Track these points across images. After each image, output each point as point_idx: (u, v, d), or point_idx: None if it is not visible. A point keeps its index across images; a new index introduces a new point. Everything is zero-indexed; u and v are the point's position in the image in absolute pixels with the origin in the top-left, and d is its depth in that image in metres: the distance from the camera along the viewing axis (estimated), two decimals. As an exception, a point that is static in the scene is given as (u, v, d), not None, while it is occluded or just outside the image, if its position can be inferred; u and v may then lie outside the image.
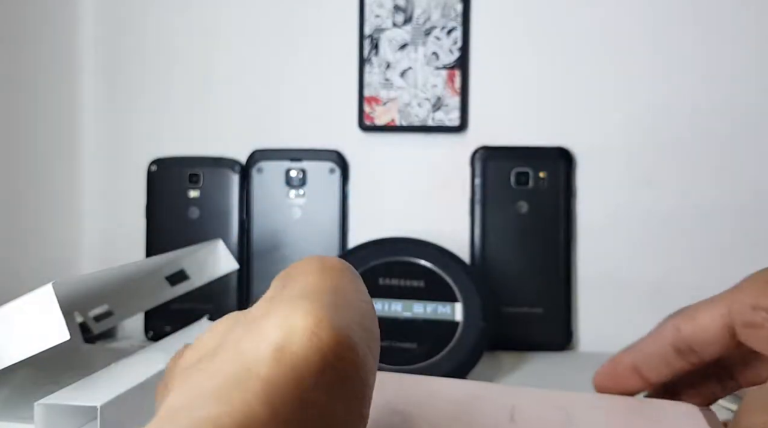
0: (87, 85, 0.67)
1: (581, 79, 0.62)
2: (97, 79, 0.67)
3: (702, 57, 0.61)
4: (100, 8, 0.67)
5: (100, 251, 0.67)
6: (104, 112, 0.67)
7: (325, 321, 0.18)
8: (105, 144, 0.67)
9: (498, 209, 0.61)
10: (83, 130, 0.68)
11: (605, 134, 0.62)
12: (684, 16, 0.61)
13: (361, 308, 0.20)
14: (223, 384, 0.17)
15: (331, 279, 0.20)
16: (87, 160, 0.68)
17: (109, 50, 0.67)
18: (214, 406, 0.16)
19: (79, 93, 0.67)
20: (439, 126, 0.62)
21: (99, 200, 0.67)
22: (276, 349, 0.17)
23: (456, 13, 0.62)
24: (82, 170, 0.68)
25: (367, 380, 0.18)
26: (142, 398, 0.31)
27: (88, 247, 0.68)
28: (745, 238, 0.60)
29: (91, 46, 0.67)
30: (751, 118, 0.60)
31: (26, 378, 0.40)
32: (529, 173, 0.61)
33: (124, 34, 0.67)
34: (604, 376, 0.29)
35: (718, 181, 0.61)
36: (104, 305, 0.50)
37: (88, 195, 0.68)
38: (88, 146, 0.67)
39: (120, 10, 0.67)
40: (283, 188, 0.63)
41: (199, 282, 0.52)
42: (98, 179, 0.67)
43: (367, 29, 0.63)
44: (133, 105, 0.67)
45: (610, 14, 0.62)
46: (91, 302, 0.48)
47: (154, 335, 0.63)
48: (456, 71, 0.62)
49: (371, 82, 0.63)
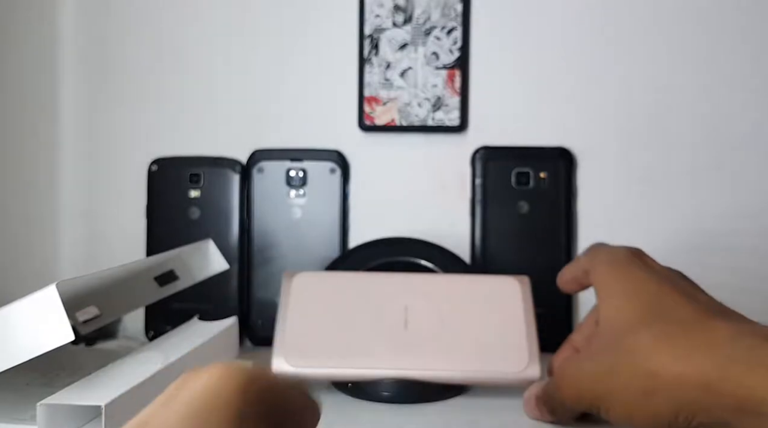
0: (87, 85, 0.67)
1: (581, 80, 0.62)
2: (97, 78, 0.67)
3: (703, 57, 0.61)
4: (100, 7, 0.67)
5: (100, 251, 0.67)
6: (105, 111, 0.67)
7: None
8: (105, 144, 0.67)
9: (498, 209, 0.61)
10: (84, 129, 0.68)
11: (605, 134, 0.62)
12: (685, 16, 0.61)
13: None
14: None
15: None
16: (87, 159, 0.68)
17: (109, 49, 0.67)
18: None
19: (80, 93, 0.67)
20: (439, 126, 0.62)
21: (99, 200, 0.67)
22: None
23: (456, 13, 0.62)
24: (83, 170, 0.68)
25: None
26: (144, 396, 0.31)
27: (88, 247, 0.68)
28: (746, 238, 0.60)
29: (91, 45, 0.67)
30: (752, 118, 0.60)
31: (23, 379, 0.40)
32: (530, 173, 0.61)
33: (126, 34, 0.67)
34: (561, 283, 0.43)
35: (718, 181, 0.61)
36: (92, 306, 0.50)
37: (88, 195, 0.68)
38: (89, 146, 0.67)
39: (120, 9, 0.67)
40: (283, 188, 0.63)
41: (189, 282, 0.52)
42: (99, 179, 0.67)
43: (367, 29, 0.63)
44: (134, 105, 0.67)
45: (610, 14, 0.62)
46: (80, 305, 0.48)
47: (154, 335, 0.62)
48: (456, 71, 0.62)
49: (371, 82, 0.63)
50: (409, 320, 0.43)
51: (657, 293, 0.34)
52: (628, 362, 0.32)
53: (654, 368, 0.30)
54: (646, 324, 0.32)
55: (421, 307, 0.44)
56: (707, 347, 0.30)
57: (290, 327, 0.43)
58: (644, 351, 0.31)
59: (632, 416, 0.32)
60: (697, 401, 0.29)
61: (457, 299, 0.45)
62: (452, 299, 0.45)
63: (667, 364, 0.30)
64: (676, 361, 0.30)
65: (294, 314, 0.44)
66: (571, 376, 0.35)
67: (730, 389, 0.28)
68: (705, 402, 0.29)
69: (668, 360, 0.30)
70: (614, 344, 0.33)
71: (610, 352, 0.33)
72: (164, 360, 0.36)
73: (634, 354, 0.31)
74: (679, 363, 0.30)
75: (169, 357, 0.37)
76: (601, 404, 0.33)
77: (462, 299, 0.45)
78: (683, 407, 0.30)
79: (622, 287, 0.35)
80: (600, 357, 0.34)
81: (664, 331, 0.31)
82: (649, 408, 0.31)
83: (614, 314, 0.34)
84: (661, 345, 0.31)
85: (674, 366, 0.30)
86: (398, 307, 0.44)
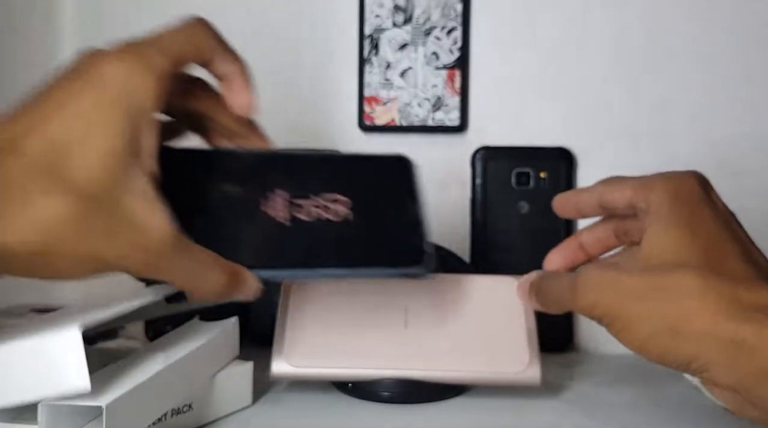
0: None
1: (581, 79, 0.62)
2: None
3: (703, 57, 0.61)
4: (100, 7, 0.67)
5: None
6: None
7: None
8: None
9: (499, 209, 0.61)
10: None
11: (605, 134, 0.62)
12: (685, 14, 0.61)
13: None
14: None
15: None
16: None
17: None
18: None
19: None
20: (439, 126, 0.62)
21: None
22: None
23: (456, 13, 0.62)
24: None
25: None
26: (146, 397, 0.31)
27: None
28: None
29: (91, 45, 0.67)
30: (753, 119, 0.61)
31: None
32: (530, 174, 0.61)
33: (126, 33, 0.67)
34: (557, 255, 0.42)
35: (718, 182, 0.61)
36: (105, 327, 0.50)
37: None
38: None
39: (120, 9, 0.67)
40: (283, 188, 0.63)
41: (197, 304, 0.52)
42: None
43: (367, 29, 0.63)
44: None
45: (610, 14, 0.62)
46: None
47: (154, 335, 0.62)
48: (456, 71, 0.62)
49: (371, 82, 0.63)
50: (409, 320, 0.43)
51: (716, 238, 0.33)
52: (666, 295, 0.31)
53: (691, 312, 0.30)
54: (698, 268, 0.31)
55: (421, 307, 0.44)
56: (750, 308, 0.30)
57: (290, 327, 0.43)
58: (687, 292, 0.31)
59: (646, 345, 0.32)
60: (721, 355, 0.29)
61: (457, 300, 0.45)
62: (452, 299, 0.45)
63: (706, 313, 0.30)
64: (716, 314, 0.30)
65: (294, 314, 0.44)
66: (596, 284, 0.34)
67: (763, 354, 0.29)
68: (729, 359, 0.29)
69: (708, 310, 0.30)
70: (657, 272, 0.32)
71: (650, 278, 0.32)
72: (165, 360, 0.36)
73: (675, 290, 0.31)
74: (718, 315, 0.30)
75: (169, 357, 0.36)
76: (616, 321, 0.32)
77: (462, 299, 0.45)
78: (702, 355, 0.30)
79: (685, 221, 0.34)
80: (636, 277, 0.33)
81: (713, 280, 0.31)
82: (668, 344, 0.31)
83: (666, 243, 0.33)
84: (706, 293, 0.30)
85: (713, 316, 0.30)
86: (398, 307, 0.44)
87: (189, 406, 0.36)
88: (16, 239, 0.27)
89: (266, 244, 0.35)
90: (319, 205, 0.36)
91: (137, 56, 0.31)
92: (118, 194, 0.28)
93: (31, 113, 0.29)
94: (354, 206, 0.37)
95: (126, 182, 0.29)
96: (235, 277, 0.33)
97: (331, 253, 0.35)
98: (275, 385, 0.45)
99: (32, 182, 0.27)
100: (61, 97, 0.29)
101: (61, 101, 0.29)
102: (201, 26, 0.36)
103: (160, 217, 0.29)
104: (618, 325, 0.32)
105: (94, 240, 0.28)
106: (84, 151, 0.28)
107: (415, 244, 0.37)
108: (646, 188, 0.36)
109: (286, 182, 0.36)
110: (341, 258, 0.35)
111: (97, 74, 0.30)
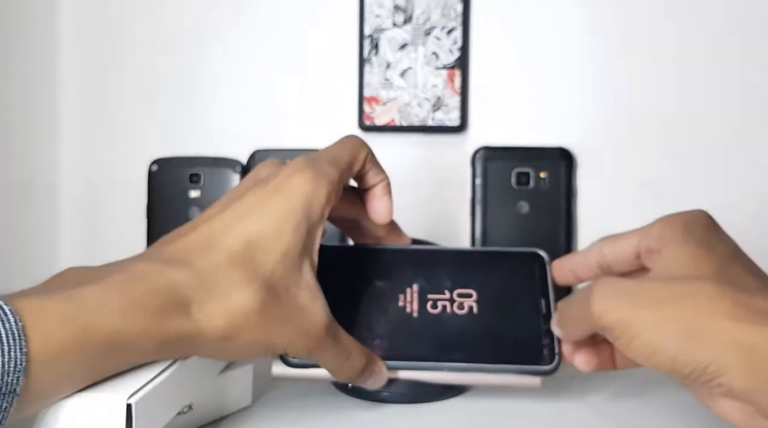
0: (87, 85, 0.67)
1: (581, 80, 0.62)
2: (97, 78, 0.67)
3: (703, 57, 0.61)
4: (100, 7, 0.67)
5: (100, 252, 0.67)
6: (105, 112, 0.67)
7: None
8: (105, 144, 0.67)
9: (499, 209, 0.61)
10: (84, 130, 0.68)
11: (605, 134, 0.62)
12: (685, 17, 0.61)
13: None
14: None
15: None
16: (87, 159, 0.67)
17: (108, 49, 0.67)
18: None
19: (80, 93, 0.67)
20: (439, 126, 0.62)
21: (99, 200, 0.67)
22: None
23: (456, 13, 0.62)
24: (83, 170, 0.68)
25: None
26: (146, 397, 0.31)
27: (88, 247, 0.68)
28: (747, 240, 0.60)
29: (91, 45, 0.67)
30: (753, 119, 0.61)
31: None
32: (530, 174, 0.61)
33: (126, 34, 0.67)
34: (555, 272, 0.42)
35: (718, 182, 0.61)
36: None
37: (88, 195, 0.68)
38: (89, 146, 0.67)
39: (120, 9, 0.67)
40: (283, 188, 0.63)
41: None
42: (99, 179, 0.67)
43: (367, 29, 0.63)
44: (134, 105, 0.67)
45: (609, 14, 0.62)
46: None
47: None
48: (456, 71, 0.62)
49: (371, 82, 0.63)
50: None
51: (730, 256, 0.34)
52: (683, 301, 0.31)
53: (708, 316, 0.30)
54: (714, 279, 0.32)
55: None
56: (766, 314, 0.30)
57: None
58: (704, 297, 0.31)
59: (659, 352, 0.31)
60: (737, 358, 0.29)
61: None
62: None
63: (723, 317, 0.30)
64: (733, 317, 0.30)
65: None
66: (614, 289, 0.33)
67: None
68: (745, 362, 0.29)
69: (726, 314, 0.30)
70: (675, 282, 0.32)
71: (668, 285, 0.32)
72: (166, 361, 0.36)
73: (692, 296, 0.31)
74: (735, 319, 0.30)
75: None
76: (629, 329, 0.31)
77: None
78: (719, 359, 0.29)
79: (701, 240, 0.34)
80: (655, 284, 0.32)
81: (730, 288, 0.31)
82: (682, 349, 0.30)
83: (684, 258, 0.33)
84: (722, 298, 0.30)
85: (730, 320, 0.30)
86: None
87: (189, 406, 0.36)
88: (211, 326, 0.31)
89: (398, 336, 0.38)
90: (450, 299, 0.40)
91: (316, 170, 0.35)
92: (292, 286, 0.33)
93: (226, 214, 0.34)
94: (481, 300, 0.40)
95: (299, 277, 0.34)
96: (372, 364, 0.37)
97: (456, 347, 0.38)
98: (275, 385, 0.45)
99: (231, 275, 0.31)
100: (255, 202, 0.34)
101: (254, 205, 0.34)
102: (361, 144, 0.40)
103: (320, 306, 0.34)
104: (631, 332, 0.31)
105: (271, 328, 0.32)
106: (274, 248, 0.33)
107: (542, 340, 0.39)
108: (655, 228, 0.36)
109: (422, 277, 0.41)
110: (467, 353, 0.38)
111: (286, 184, 0.34)
